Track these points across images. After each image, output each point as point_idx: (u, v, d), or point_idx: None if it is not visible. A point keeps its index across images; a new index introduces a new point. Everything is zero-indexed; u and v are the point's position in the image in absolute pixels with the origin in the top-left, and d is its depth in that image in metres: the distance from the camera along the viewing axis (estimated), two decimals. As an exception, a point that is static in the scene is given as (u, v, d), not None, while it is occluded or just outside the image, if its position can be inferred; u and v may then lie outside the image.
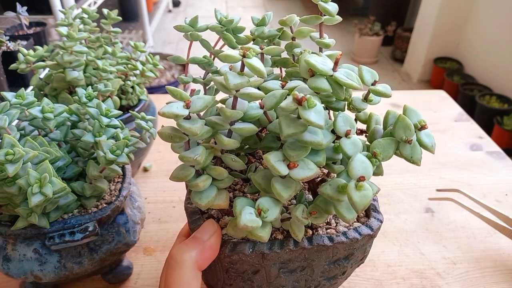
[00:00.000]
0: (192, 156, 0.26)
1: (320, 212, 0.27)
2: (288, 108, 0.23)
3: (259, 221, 0.25)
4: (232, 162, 0.29)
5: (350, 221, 0.26)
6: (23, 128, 0.39)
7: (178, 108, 0.24)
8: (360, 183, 0.23)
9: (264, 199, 0.26)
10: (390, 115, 0.28)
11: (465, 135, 0.81)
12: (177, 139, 0.26)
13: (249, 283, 0.31)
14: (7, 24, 0.83)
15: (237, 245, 0.29)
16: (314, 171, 0.25)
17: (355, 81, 0.26)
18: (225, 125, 0.27)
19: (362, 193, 0.23)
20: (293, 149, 0.25)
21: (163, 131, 0.26)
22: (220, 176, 0.28)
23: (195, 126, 0.25)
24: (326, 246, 0.29)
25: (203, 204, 0.27)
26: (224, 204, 0.28)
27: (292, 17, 0.33)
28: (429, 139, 0.27)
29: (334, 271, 0.32)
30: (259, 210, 0.25)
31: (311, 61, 0.25)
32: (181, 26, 0.34)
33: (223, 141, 0.27)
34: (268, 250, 0.28)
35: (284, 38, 0.35)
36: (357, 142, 0.26)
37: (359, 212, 0.23)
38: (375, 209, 0.33)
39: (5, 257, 0.37)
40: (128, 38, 2.46)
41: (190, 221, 0.32)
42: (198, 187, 0.27)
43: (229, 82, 0.25)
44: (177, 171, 0.28)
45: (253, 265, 0.29)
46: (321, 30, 0.32)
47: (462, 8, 2.29)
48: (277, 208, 0.26)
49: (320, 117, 0.23)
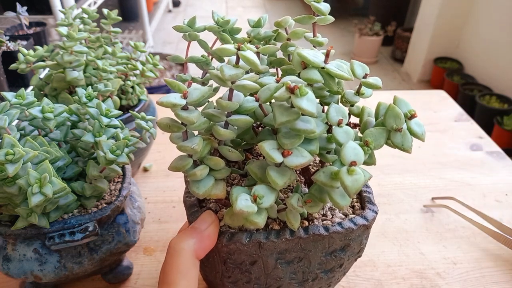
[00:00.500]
0: (190, 145, 0.27)
1: (315, 201, 0.28)
2: (281, 97, 0.24)
3: (254, 207, 0.25)
4: (229, 152, 0.30)
5: (344, 208, 0.27)
6: (23, 128, 0.39)
7: (176, 98, 0.26)
8: (352, 167, 0.24)
9: (260, 186, 0.27)
10: (381, 107, 0.29)
11: (465, 135, 0.81)
12: (175, 129, 0.27)
13: (247, 274, 0.32)
14: (7, 24, 0.83)
15: (235, 235, 0.30)
16: (308, 158, 0.25)
17: (345, 72, 0.27)
18: (221, 117, 0.28)
19: (354, 177, 0.23)
20: (287, 138, 0.26)
21: (161, 121, 0.27)
22: (217, 166, 0.29)
23: (192, 115, 0.26)
24: (322, 235, 0.30)
25: (200, 193, 0.28)
26: (221, 194, 0.29)
27: (287, 19, 0.34)
28: (419, 127, 0.28)
29: (331, 263, 0.32)
30: (255, 196, 0.26)
31: (303, 53, 0.26)
32: (180, 26, 0.35)
33: (219, 131, 0.28)
34: (264, 239, 0.29)
35: (280, 40, 0.35)
36: (349, 131, 0.27)
37: (352, 196, 0.24)
38: (370, 201, 0.33)
39: (5, 257, 0.37)
40: (128, 38, 2.46)
41: (189, 213, 0.33)
42: (196, 175, 0.28)
43: (224, 73, 0.26)
44: (176, 161, 0.28)
45: (251, 255, 0.30)
46: (315, 29, 0.33)
47: (462, 8, 2.29)
48: (272, 195, 0.27)
49: (312, 105, 0.24)
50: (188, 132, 0.28)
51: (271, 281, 0.32)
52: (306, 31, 0.34)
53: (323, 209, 0.33)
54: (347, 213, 0.33)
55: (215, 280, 0.34)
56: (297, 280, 0.32)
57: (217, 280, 0.34)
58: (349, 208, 0.34)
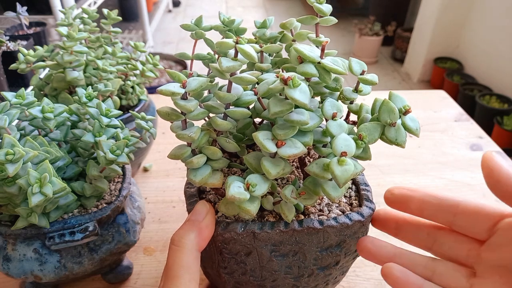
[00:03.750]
0: (188, 133, 0.28)
1: (309, 193, 0.28)
2: (275, 88, 0.25)
3: (246, 194, 0.26)
4: (226, 143, 0.30)
5: (336, 199, 0.27)
6: (23, 128, 0.39)
7: (175, 87, 0.27)
8: (342, 158, 0.24)
9: (253, 175, 0.28)
10: (377, 102, 0.29)
11: (465, 135, 0.81)
12: (174, 117, 0.28)
13: (242, 265, 0.32)
14: (7, 24, 0.83)
15: (230, 224, 0.30)
16: (301, 149, 0.26)
17: (340, 67, 0.27)
18: (220, 109, 0.29)
19: (343, 167, 0.24)
20: (281, 129, 0.26)
21: (161, 109, 0.28)
22: (214, 155, 0.30)
23: (189, 104, 0.27)
24: (316, 228, 0.30)
25: (197, 180, 0.29)
26: (218, 183, 0.30)
27: (292, 20, 0.35)
28: (414, 123, 0.28)
29: (327, 259, 0.32)
30: (248, 184, 0.27)
31: (299, 48, 0.27)
32: (187, 25, 0.36)
33: (217, 121, 0.28)
34: (259, 230, 0.30)
35: (285, 41, 0.36)
36: (342, 124, 0.27)
37: (341, 185, 0.24)
38: (367, 199, 0.33)
39: (5, 257, 0.37)
40: (128, 38, 2.46)
41: (188, 203, 0.34)
42: (193, 163, 0.29)
43: (222, 65, 0.27)
44: (175, 149, 0.29)
45: (245, 246, 0.31)
46: (317, 30, 0.34)
47: (462, 8, 2.29)
48: (265, 185, 0.27)
49: (305, 96, 0.25)
50: (188, 122, 0.29)
51: (267, 274, 0.32)
52: (310, 32, 0.35)
53: (319, 205, 0.33)
54: (344, 209, 0.33)
55: (212, 271, 0.35)
56: (292, 274, 0.33)
57: (214, 271, 0.34)
58: (347, 205, 0.34)
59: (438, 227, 0.31)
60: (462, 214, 0.29)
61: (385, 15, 2.92)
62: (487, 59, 2.19)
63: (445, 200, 0.30)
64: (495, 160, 0.26)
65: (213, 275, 0.36)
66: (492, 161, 0.26)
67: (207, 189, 0.36)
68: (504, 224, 0.28)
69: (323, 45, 0.28)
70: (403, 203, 0.31)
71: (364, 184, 0.35)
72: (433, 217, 0.31)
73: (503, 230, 0.27)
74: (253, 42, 0.37)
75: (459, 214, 0.29)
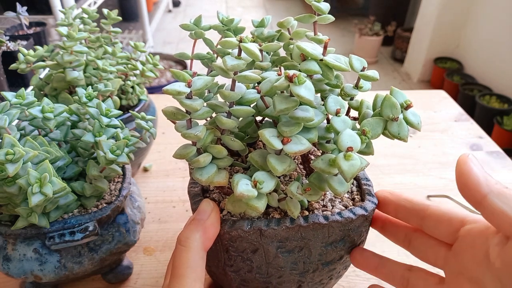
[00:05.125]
0: (193, 133, 0.28)
1: (315, 189, 0.28)
2: (280, 85, 0.26)
3: (254, 191, 0.26)
4: (231, 142, 0.31)
5: (342, 194, 0.28)
6: (23, 128, 0.39)
7: (180, 86, 0.27)
8: (348, 153, 0.25)
9: (260, 172, 0.28)
10: (378, 98, 0.29)
11: (465, 135, 0.81)
12: (179, 116, 0.28)
13: (249, 263, 0.32)
14: (7, 24, 0.83)
15: (236, 222, 0.31)
16: (306, 145, 0.26)
17: (343, 64, 0.28)
18: (224, 107, 0.29)
19: (350, 162, 0.25)
20: (286, 126, 0.27)
21: (167, 109, 0.28)
22: (219, 154, 0.30)
23: (195, 103, 0.27)
24: (321, 224, 0.30)
25: (203, 179, 0.29)
26: (223, 181, 0.30)
27: (289, 19, 0.35)
28: (415, 117, 0.28)
29: (332, 254, 0.32)
30: (255, 182, 0.27)
31: (302, 46, 0.27)
32: (186, 24, 0.36)
33: (221, 120, 0.29)
34: (265, 226, 0.30)
35: (283, 40, 0.36)
36: (346, 120, 0.28)
37: (348, 180, 0.25)
38: (369, 193, 0.34)
39: (5, 257, 0.37)
40: (128, 38, 2.46)
41: (192, 202, 0.34)
42: (199, 162, 0.29)
43: (226, 63, 0.27)
44: (180, 149, 0.29)
45: (252, 243, 0.31)
46: (315, 28, 0.34)
47: (462, 8, 2.29)
48: (272, 182, 0.28)
49: (310, 93, 0.25)
50: (192, 122, 0.29)
51: (273, 271, 0.33)
52: (308, 30, 0.35)
53: (323, 200, 0.33)
54: (347, 204, 0.33)
55: (218, 270, 0.35)
56: (298, 270, 0.33)
57: (220, 269, 0.34)
58: (350, 200, 0.34)
59: (413, 229, 0.33)
60: (429, 218, 0.30)
61: (385, 15, 2.92)
62: (487, 59, 2.19)
63: (416, 204, 0.31)
64: (468, 164, 0.27)
65: (218, 274, 0.36)
66: (465, 165, 0.27)
67: (211, 188, 0.36)
68: (464, 231, 0.28)
69: (326, 43, 0.28)
70: (384, 206, 0.33)
71: (365, 179, 0.35)
72: (406, 219, 0.32)
73: (462, 237, 0.28)
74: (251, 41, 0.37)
75: (427, 218, 0.30)
